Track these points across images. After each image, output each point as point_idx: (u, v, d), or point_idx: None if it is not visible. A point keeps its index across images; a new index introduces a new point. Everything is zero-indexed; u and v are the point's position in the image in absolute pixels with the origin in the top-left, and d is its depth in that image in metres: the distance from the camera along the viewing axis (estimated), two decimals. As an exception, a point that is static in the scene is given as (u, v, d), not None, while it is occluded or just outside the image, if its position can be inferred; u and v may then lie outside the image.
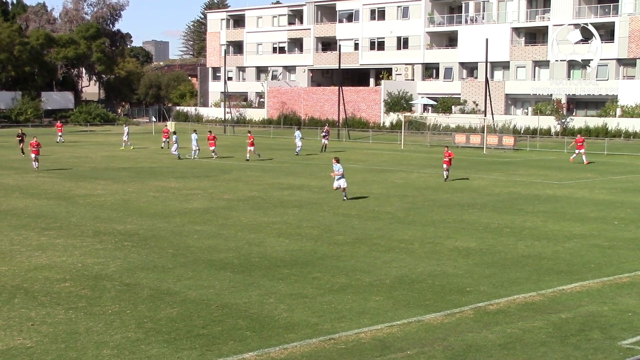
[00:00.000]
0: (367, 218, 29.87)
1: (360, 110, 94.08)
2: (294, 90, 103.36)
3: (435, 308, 17.34)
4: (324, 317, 16.56)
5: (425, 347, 14.66)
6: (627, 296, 18.53)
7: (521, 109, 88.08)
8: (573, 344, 14.92)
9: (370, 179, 43.93)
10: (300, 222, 28.72)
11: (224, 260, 22.05)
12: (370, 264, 21.74)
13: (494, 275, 20.61)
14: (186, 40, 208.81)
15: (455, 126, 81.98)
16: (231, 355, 14.19)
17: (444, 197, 36.28)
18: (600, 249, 24.32)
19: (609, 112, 77.79)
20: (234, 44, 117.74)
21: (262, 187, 39.25)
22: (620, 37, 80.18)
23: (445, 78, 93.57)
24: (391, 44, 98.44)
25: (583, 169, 51.21)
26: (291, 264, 21.71)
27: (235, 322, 16.15)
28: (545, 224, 28.89)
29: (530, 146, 70.16)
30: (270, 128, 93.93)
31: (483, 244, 24.89)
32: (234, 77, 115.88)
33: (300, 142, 61.80)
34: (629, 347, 14.73)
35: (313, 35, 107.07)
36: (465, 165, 53.44)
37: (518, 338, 15.28)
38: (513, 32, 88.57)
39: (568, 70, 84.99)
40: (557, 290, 19.03)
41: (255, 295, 18.31)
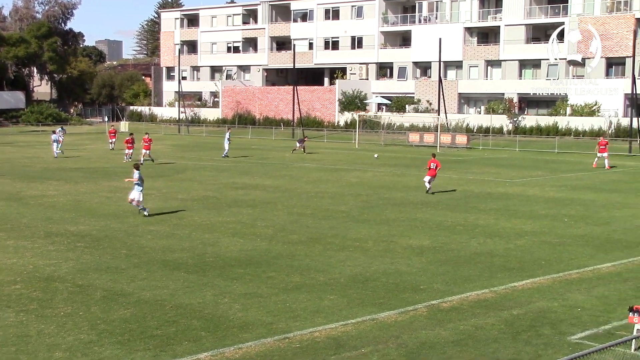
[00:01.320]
0: (322, 217, 29.95)
1: (314, 110, 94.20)
2: (249, 89, 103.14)
3: (389, 306, 17.46)
4: (278, 317, 16.59)
5: (379, 345, 14.77)
6: (576, 292, 18.84)
7: (474, 108, 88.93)
8: (524, 340, 15.14)
9: (324, 178, 44.03)
10: (255, 222, 28.70)
11: (178, 261, 21.96)
12: (325, 263, 21.81)
13: (447, 272, 20.80)
14: (140, 40, 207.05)
15: (409, 125, 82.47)
16: (185, 355, 14.15)
17: (397, 195, 36.51)
18: (551, 245, 24.68)
19: (559, 111, 78.87)
20: (188, 44, 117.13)
21: (216, 187, 39.13)
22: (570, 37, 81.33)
23: (399, 77, 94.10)
24: (345, 43, 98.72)
25: (535, 166, 51.86)
26: (245, 263, 21.69)
27: (189, 323, 16.10)
28: (497, 221, 29.22)
29: (483, 145, 70.86)
30: (225, 127, 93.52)
31: (436, 241, 25.11)
32: (188, 77, 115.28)
33: (227, 145, 57.99)
34: (577, 342, 14.99)
35: (267, 35, 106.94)
36: (419, 164, 53.76)
37: (471, 335, 15.46)
38: (466, 32, 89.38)
39: (520, 69, 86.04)
40: (509, 287, 19.29)
41: (210, 295, 18.27)
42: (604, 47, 78.99)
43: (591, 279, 20.27)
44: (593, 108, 77.01)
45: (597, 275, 20.72)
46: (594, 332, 15.69)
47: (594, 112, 76.82)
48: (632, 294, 18.65)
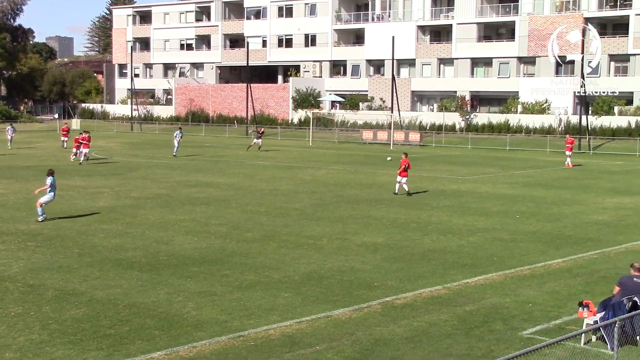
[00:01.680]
0: (276, 215, 29.94)
1: (268, 107, 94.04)
2: (202, 87, 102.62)
3: (344, 303, 17.53)
4: (232, 315, 16.56)
5: (333, 342, 14.82)
6: (527, 288, 19.09)
7: (427, 106, 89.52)
8: (477, 336, 15.30)
9: (278, 175, 44.01)
10: (209, 220, 28.60)
11: (132, 259, 21.80)
12: (279, 261, 21.82)
13: (401, 269, 20.94)
14: (91, 37, 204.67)
15: (363, 123, 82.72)
16: (139, 355, 14.07)
17: (351, 193, 36.63)
18: (503, 242, 24.97)
19: (510, 109, 79.75)
20: (140, 41, 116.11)
21: (169, 185, 38.90)
22: (520, 35, 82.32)
23: (353, 75, 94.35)
24: (299, 41, 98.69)
25: (487, 164, 52.38)
26: (200, 261, 21.61)
27: (143, 322, 16.00)
28: (450, 218, 29.48)
29: (436, 142, 71.40)
30: (178, 125, 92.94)
31: (390, 239, 25.25)
32: (141, 74, 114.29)
33: (177, 143, 56.84)
34: (529, 337, 15.20)
35: (221, 32, 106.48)
36: (373, 161, 54.04)
37: (424, 331, 15.58)
38: (418, 30, 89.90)
39: (472, 67, 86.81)
40: (462, 284, 19.48)
41: (164, 293, 18.17)
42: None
43: (542, 274, 20.56)
44: (543, 106, 78.03)
45: (548, 271, 21.02)
46: (545, 327, 15.92)
47: (545, 109, 77.84)
48: (581, 289, 18.96)
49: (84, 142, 50.93)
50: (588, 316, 15.17)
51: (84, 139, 51.13)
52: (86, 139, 51.31)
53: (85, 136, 51.63)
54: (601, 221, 29.17)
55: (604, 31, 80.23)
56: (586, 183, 41.60)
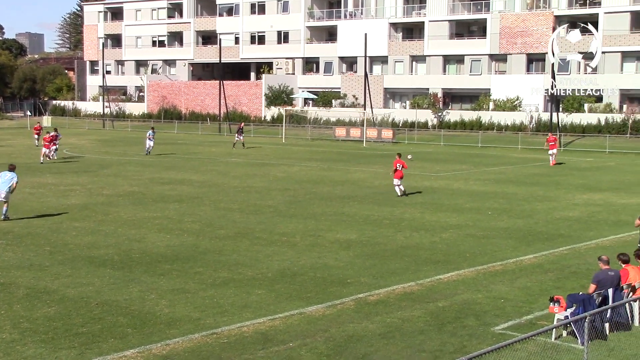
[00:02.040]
0: (249, 212, 29.92)
1: (241, 104, 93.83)
2: (175, 84, 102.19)
3: (317, 300, 17.56)
4: (206, 312, 16.53)
5: (307, 339, 14.85)
6: (499, 283, 19.23)
7: (399, 103, 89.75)
8: (450, 331, 15.40)
9: (251, 172, 43.96)
10: (182, 217, 28.52)
11: (104, 257, 21.69)
12: (253, 258, 21.81)
13: (374, 266, 21.01)
14: (62, 33, 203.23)
15: (336, 120, 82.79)
16: (111, 353, 14.01)
17: (324, 190, 36.67)
18: (475, 238, 25.12)
19: (482, 106, 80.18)
20: (112, 37, 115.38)
21: (142, 182, 38.73)
22: (492, 33, 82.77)
23: (326, 72, 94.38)
24: (272, 38, 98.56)
25: (459, 161, 52.63)
26: (172, 259, 21.55)
27: (115, 320, 15.94)
28: (423, 215, 29.60)
29: (409, 139, 71.62)
30: (150, 122, 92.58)
31: (363, 235, 25.32)
32: (113, 71, 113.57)
33: (149, 141, 55.47)
34: (501, 332, 15.32)
35: (193, 29, 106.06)
36: (346, 158, 54.13)
37: (397, 327, 15.65)
38: (391, 28, 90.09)
39: (444, 65, 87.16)
40: (435, 280, 19.58)
41: (136, 291, 18.10)
42: (525, 44, 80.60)
43: (514, 270, 20.72)
44: (515, 103, 78.53)
45: (520, 266, 21.18)
46: (516, 322, 16.05)
47: (516, 107, 78.35)
48: (552, 284, 19.13)
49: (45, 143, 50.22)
50: (559, 311, 15.32)
51: (45, 139, 50.48)
52: (47, 139, 50.40)
53: (47, 136, 50.88)
54: (572, 217, 29.44)
55: (574, 29, 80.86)
56: (557, 179, 41.95)
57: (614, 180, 42.03)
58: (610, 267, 15.91)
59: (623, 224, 27.60)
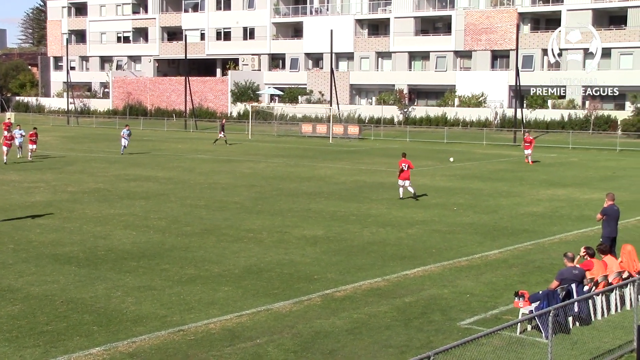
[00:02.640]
0: (215, 208, 29.84)
1: (207, 101, 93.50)
2: (140, 80, 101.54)
3: (284, 296, 17.58)
4: (172, 309, 16.49)
5: (274, 335, 14.86)
6: (465, 279, 19.38)
7: (365, 99, 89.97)
8: (416, 327, 15.49)
9: (217, 169, 43.83)
10: (148, 214, 28.38)
11: (69, 254, 21.53)
12: (219, 254, 21.77)
13: (341, 262, 21.06)
14: (25, 29, 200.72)
15: (302, 116, 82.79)
16: (77, 351, 13.92)
17: (291, 186, 36.68)
18: (441, 234, 25.28)
19: (447, 102, 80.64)
20: (76, 33, 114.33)
21: (107, 179, 38.46)
22: (457, 30, 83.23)
23: (292, 68, 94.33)
24: (237, 34, 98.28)
25: (425, 157, 52.85)
26: (139, 256, 21.45)
27: (81, 317, 15.84)
28: (389, 211, 29.72)
29: (375, 135, 71.81)
30: (115, 119, 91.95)
31: (330, 231, 25.37)
32: (77, 67, 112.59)
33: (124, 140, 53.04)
34: (467, 327, 15.45)
35: (158, 25, 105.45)
36: (312, 154, 54.16)
37: (364, 323, 15.72)
38: (356, 24, 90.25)
39: (409, 61, 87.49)
40: (401, 275, 19.68)
41: (102, 289, 18.00)
42: (489, 40, 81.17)
43: (479, 265, 20.89)
44: (480, 99, 79.08)
45: (485, 262, 21.36)
46: (482, 317, 16.19)
47: (481, 103, 78.90)
48: (517, 279, 19.32)
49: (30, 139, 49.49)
50: (524, 306, 15.48)
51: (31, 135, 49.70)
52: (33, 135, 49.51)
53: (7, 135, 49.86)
54: (536, 212, 29.73)
55: (537, 26, 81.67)
56: (521, 175, 42.31)
57: (577, 175, 42.49)
58: (574, 264, 16.09)
59: (586, 218, 27.93)
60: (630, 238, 22.23)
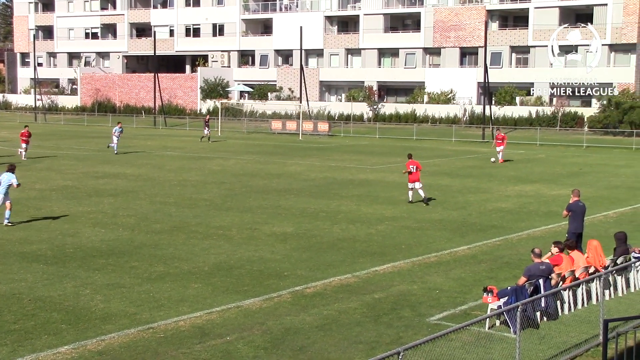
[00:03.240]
0: (185, 205, 29.75)
1: (176, 97, 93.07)
2: (109, 76, 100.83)
3: (254, 293, 17.58)
4: (142, 307, 16.43)
5: (244, 332, 14.87)
6: (434, 275, 19.50)
7: (335, 96, 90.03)
8: (386, 323, 15.57)
9: (187, 166, 43.68)
10: (117, 211, 28.23)
11: (37, 252, 21.37)
12: (189, 252, 21.72)
13: (311, 259, 21.10)
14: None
15: (272, 113, 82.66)
16: (45, 349, 13.83)
17: (261, 183, 36.65)
18: (410, 230, 25.40)
19: (417, 99, 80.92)
20: (43, 29, 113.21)
21: (76, 176, 38.18)
22: (426, 27, 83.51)
23: (261, 65, 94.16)
24: (207, 30, 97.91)
25: (395, 153, 52.98)
26: (108, 253, 21.34)
27: (49, 316, 15.73)
28: (359, 207, 29.80)
29: (344, 132, 71.90)
30: (84, 115, 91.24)
31: (300, 228, 25.40)
32: (45, 63, 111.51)
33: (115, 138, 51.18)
34: (436, 323, 15.55)
35: (127, 21, 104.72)
36: (282, 151, 54.13)
37: (334, 319, 15.77)
38: (326, 21, 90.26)
39: (379, 58, 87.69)
40: (371, 272, 19.75)
41: (70, 286, 17.89)
42: (458, 38, 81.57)
43: (448, 261, 21.02)
44: (449, 96, 79.45)
45: (454, 257, 21.50)
46: (451, 312, 16.31)
47: (450, 99, 79.27)
48: (486, 275, 19.47)
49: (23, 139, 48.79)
50: (492, 301, 15.61)
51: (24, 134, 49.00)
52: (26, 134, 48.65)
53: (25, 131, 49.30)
54: (504, 209, 29.96)
55: (505, 23, 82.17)
56: (490, 172, 42.60)
57: (545, 172, 42.86)
58: (542, 260, 16.25)
59: (553, 214, 28.19)
60: (596, 233, 22.50)
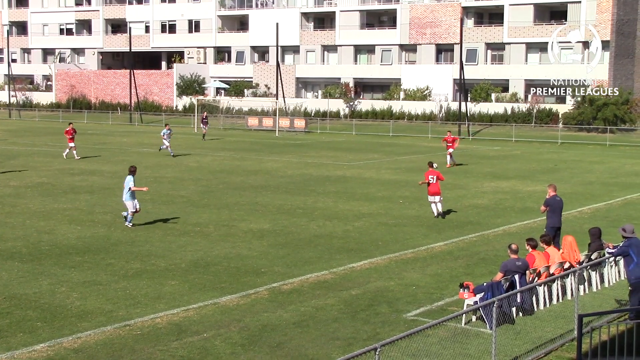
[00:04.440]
0: (161, 202, 29.66)
1: (152, 94, 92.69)
2: (84, 73, 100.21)
3: (231, 290, 17.58)
4: (118, 304, 16.38)
5: (221, 329, 14.87)
6: (411, 271, 19.58)
7: (311, 93, 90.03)
8: (363, 319, 15.62)
9: (163, 163, 43.52)
10: (93, 208, 28.09)
11: (12, 250, 21.24)
12: (165, 249, 21.67)
13: (288, 255, 21.12)
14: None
15: (248, 109, 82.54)
16: (20, 347, 13.76)
17: (237, 180, 36.60)
18: (387, 226, 25.48)
19: (393, 96, 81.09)
20: (17, 24, 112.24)
21: (51, 173, 37.94)
22: (402, 23, 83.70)
23: (237, 62, 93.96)
24: (183, 27, 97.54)
25: (371, 150, 53.12)
26: (84, 251, 21.24)
27: (24, 313, 15.65)
28: (336, 204, 29.85)
29: (321, 128, 71.94)
30: (59, 112, 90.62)
31: (277, 225, 25.40)
32: (19, 59, 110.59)
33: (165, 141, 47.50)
34: (413, 319, 15.63)
35: (102, 17, 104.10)
36: (258, 148, 54.07)
37: (311, 316, 15.80)
38: (302, 17, 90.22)
39: (355, 54, 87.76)
40: (348, 268, 19.81)
41: (46, 284, 17.80)
42: (434, 34, 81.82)
43: (425, 257, 21.12)
44: (425, 93, 79.67)
45: (431, 254, 21.60)
46: (428, 308, 16.40)
47: (426, 96, 79.50)
48: (462, 271, 19.58)
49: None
50: (468, 297, 15.71)
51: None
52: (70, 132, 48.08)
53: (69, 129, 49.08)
54: (480, 205, 30.12)
55: (480, 20, 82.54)
56: (466, 168, 42.78)
57: (520, 168, 43.12)
58: (518, 256, 16.35)
59: (529, 210, 28.39)
60: (571, 229, 22.68)
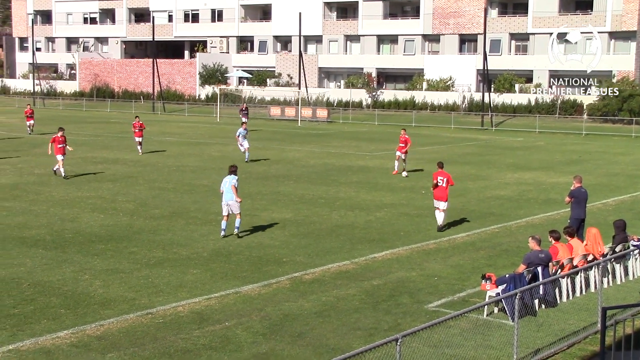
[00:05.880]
0: (184, 191, 29.75)
1: (175, 83, 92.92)
2: (107, 62, 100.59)
3: (253, 279, 17.61)
4: (141, 292, 16.45)
5: (243, 318, 14.89)
6: (433, 262, 19.52)
7: (334, 82, 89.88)
8: (384, 309, 15.59)
9: (186, 152, 43.65)
10: (115, 197, 28.22)
11: (36, 237, 21.38)
12: (188, 237, 21.73)
13: (310, 245, 21.12)
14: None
15: (271, 99, 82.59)
16: (45, 334, 13.86)
17: (260, 169, 36.64)
18: (409, 217, 25.41)
19: (416, 86, 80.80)
20: (42, 14, 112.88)
21: (75, 162, 38.11)
22: (425, 13, 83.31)
23: (260, 51, 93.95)
24: (205, 16, 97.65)
25: (393, 140, 52.85)
26: (107, 239, 21.35)
27: (48, 300, 15.75)
28: (357, 194, 29.80)
29: (343, 118, 71.84)
30: (82, 101, 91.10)
31: (298, 214, 25.40)
32: (43, 48, 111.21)
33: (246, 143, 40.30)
34: (434, 310, 15.58)
35: (125, 6, 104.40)
36: (281, 137, 54.10)
37: (333, 305, 15.79)
38: (325, 7, 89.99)
39: (378, 44, 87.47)
40: (369, 258, 19.77)
41: (70, 272, 17.91)
42: (457, 24, 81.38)
43: (447, 248, 21.04)
44: (448, 83, 79.33)
45: (453, 245, 21.52)
46: (449, 299, 16.34)
47: (449, 87, 79.16)
48: (484, 262, 19.49)
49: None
50: (490, 289, 15.63)
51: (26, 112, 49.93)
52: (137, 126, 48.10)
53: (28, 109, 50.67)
54: (503, 196, 29.97)
55: (505, 10, 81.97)
56: (489, 159, 42.60)
57: (544, 159, 42.86)
58: (541, 248, 16.23)
59: (552, 202, 28.21)
60: (595, 221, 22.52)
